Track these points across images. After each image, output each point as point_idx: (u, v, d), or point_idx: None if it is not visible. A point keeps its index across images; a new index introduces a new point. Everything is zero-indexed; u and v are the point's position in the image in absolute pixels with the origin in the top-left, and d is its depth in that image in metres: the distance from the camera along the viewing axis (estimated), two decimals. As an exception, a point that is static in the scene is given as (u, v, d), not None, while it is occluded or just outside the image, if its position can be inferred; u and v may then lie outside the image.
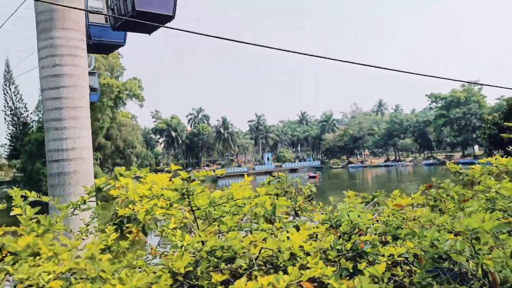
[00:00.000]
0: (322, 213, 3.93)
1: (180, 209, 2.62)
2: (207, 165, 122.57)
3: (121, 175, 2.75)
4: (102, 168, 74.11)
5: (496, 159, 4.05)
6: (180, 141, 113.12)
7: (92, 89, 20.07)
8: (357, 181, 77.97)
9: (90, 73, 20.32)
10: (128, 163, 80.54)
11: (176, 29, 6.91)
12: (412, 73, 8.03)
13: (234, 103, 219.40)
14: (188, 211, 2.49)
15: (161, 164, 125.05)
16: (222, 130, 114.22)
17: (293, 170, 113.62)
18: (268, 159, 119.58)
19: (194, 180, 2.30)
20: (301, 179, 8.16)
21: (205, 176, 2.72)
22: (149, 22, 10.16)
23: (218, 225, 2.69)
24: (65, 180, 9.85)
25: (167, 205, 2.48)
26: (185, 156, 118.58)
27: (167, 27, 7.92)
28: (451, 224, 1.96)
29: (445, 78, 8.29)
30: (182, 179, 2.28)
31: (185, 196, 2.28)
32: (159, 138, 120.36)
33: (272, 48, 6.96)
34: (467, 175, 3.79)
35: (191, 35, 6.37)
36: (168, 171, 2.71)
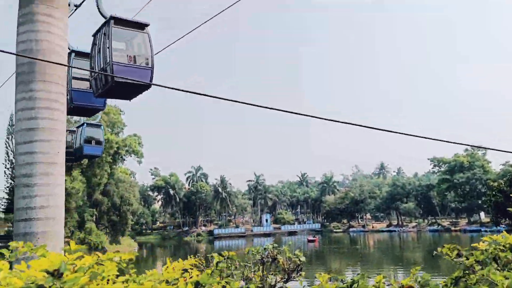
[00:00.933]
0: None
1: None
2: (204, 225, 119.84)
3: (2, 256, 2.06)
4: (97, 225, 72.30)
5: (503, 236, 3.42)
6: (178, 199, 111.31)
7: (98, 142, 19.86)
8: (358, 247, 75.60)
9: (96, 126, 20.44)
10: (123, 220, 78.69)
11: (160, 85, 6.49)
12: (414, 135, 7.46)
13: (233, 162, 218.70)
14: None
15: (158, 222, 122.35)
16: (220, 189, 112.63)
17: (292, 233, 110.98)
18: (266, 220, 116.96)
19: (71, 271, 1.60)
20: (289, 247, 7.31)
21: (119, 261, 2.02)
22: (128, 90, 11.05)
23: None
24: (31, 242, 9.04)
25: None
26: (182, 214, 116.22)
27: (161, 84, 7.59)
28: None
29: (449, 142, 7.80)
30: (48, 272, 1.57)
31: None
32: (157, 196, 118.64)
33: (279, 110, 6.45)
34: (467, 259, 3.10)
35: (188, 94, 5.98)
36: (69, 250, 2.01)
